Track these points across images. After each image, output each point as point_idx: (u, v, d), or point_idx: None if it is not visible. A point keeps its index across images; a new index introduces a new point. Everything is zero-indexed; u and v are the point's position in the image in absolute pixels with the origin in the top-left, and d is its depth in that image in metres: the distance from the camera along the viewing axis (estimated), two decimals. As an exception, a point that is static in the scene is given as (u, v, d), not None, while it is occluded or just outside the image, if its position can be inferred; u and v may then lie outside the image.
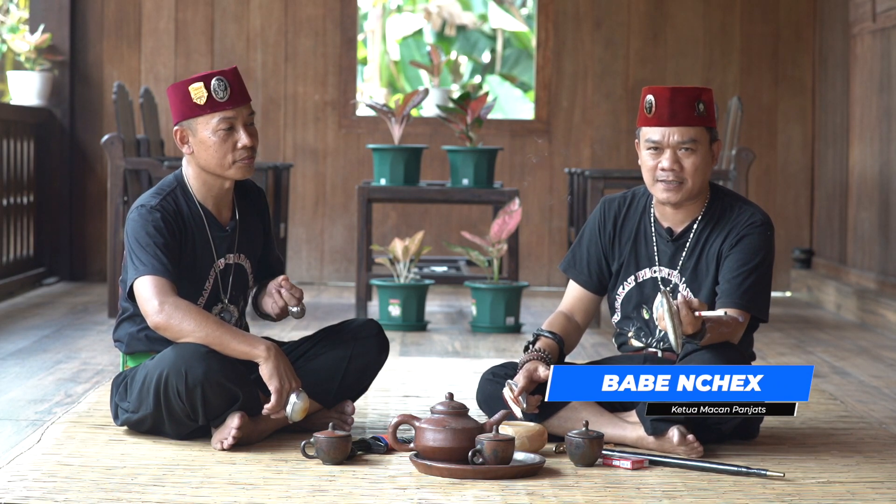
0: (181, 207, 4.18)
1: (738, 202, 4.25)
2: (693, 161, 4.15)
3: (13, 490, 3.51)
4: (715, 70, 9.29)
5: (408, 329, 6.98)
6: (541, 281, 9.29)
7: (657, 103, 4.15)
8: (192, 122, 4.13)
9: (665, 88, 4.15)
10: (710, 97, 4.19)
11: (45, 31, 8.96)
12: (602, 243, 4.34)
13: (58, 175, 9.09)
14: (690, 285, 4.22)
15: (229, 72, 4.13)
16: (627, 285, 4.30)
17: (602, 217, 4.35)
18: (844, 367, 6.02)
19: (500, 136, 9.28)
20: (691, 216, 4.25)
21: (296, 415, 4.03)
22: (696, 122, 4.15)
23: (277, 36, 9.27)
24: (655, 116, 4.16)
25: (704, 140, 4.17)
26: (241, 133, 4.14)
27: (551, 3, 9.30)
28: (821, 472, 3.87)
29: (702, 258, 4.21)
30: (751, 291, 4.10)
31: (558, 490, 3.63)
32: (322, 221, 9.29)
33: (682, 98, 4.14)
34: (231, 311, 4.26)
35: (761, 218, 4.20)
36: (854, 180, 8.43)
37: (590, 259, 4.35)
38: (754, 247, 4.15)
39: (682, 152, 4.16)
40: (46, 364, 5.68)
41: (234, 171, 4.16)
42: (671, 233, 4.26)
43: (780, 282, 9.34)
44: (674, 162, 4.15)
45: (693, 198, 4.21)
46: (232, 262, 4.25)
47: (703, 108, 4.16)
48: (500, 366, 4.31)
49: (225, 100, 4.11)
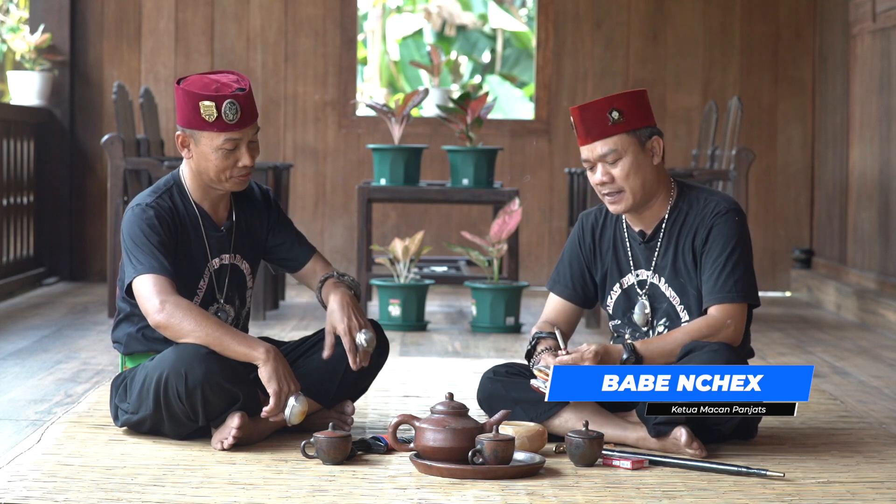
0: (177, 206, 4.18)
1: (702, 194, 4.24)
2: (621, 168, 4.17)
3: (13, 490, 3.51)
4: (715, 70, 9.29)
5: (408, 329, 6.98)
6: (541, 281, 9.29)
7: (574, 123, 4.22)
8: (196, 133, 4.12)
9: (576, 108, 4.20)
10: (626, 101, 4.17)
11: (45, 31, 8.96)
12: (584, 256, 4.37)
13: (58, 175, 9.09)
14: (672, 284, 4.22)
15: (242, 96, 4.10)
16: (615, 293, 4.33)
17: (581, 231, 4.40)
18: (844, 367, 6.02)
19: (500, 136, 9.28)
20: (658, 216, 4.26)
21: (294, 418, 4.03)
22: (610, 132, 4.17)
23: (277, 36, 9.27)
24: (579, 136, 4.24)
25: (629, 145, 4.17)
26: (243, 152, 4.13)
27: (551, 3, 9.30)
28: (821, 472, 3.87)
29: (677, 256, 4.22)
30: (731, 280, 4.10)
31: (558, 490, 3.63)
32: (322, 221, 9.29)
33: (590, 113, 4.17)
34: (227, 310, 4.26)
35: (726, 205, 4.19)
36: (854, 180, 8.43)
37: (573, 273, 4.38)
38: (724, 235, 4.15)
39: (608, 164, 4.18)
40: (46, 364, 5.68)
41: (230, 185, 4.18)
42: (643, 235, 4.27)
43: (780, 282, 9.34)
44: (604, 174, 4.19)
45: (648, 200, 4.21)
46: (227, 263, 4.25)
47: (617, 115, 4.17)
48: (502, 365, 4.32)
49: (234, 122, 4.09)
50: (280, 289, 7.97)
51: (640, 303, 4.26)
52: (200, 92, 4.08)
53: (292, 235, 4.37)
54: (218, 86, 4.10)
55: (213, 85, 4.10)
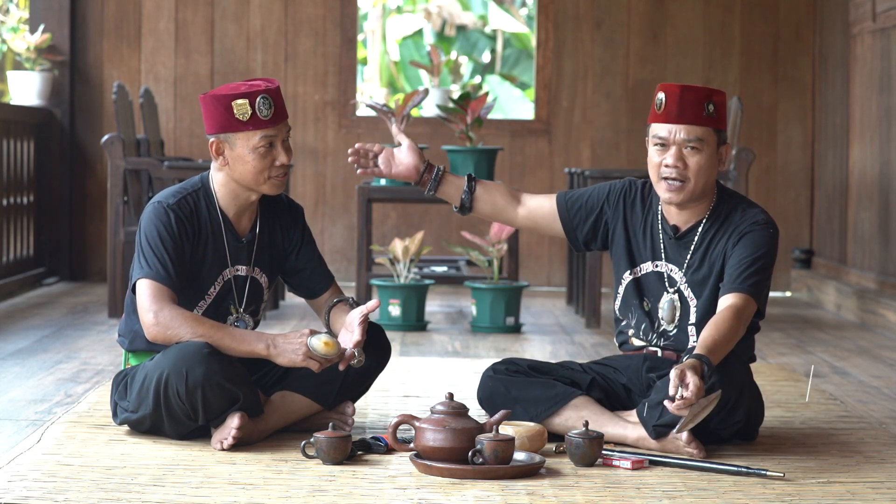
0: (200, 210, 4.14)
1: (742, 203, 4.25)
2: (697, 160, 4.15)
3: (13, 490, 3.51)
4: (715, 70, 9.29)
5: (408, 329, 6.98)
6: (541, 281, 9.29)
7: (667, 100, 4.15)
8: (230, 136, 4.09)
9: (676, 86, 4.15)
10: (721, 99, 4.18)
11: (45, 31, 8.96)
12: (608, 208, 4.30)
13: (58, 175, 9.09)
14: (692, 284, 4.21)
15: (274, 90, 4.08)
16: (634, 274, 4.29)
17: (621, 192, 4.31)
18: (844, 367, 6.02)
19: (500, 136, 9.28)
20: (697, 217, 4.24)
21: (328, 354, 3.97)
22: (703, 122, 4.14)
23: (277, 36, 9.27)
24: (664, 113, 4.16)
25: (711, 141, 4.17)
26: (279, 150, 4.11)
27: (551, 3, 9.30)
28: (821, 472, 3.87)
29: (706, 259, 4.21)
30: (753, 279, 4.09)
31: (558, 490, 3.63)
32: (322, 221, 9.29)
33: (692, 96, 4.13)
34: (246, 320, 4.24)
35: (765, 218, 4.20)
36: (854, 180, 8.43)
37: (581, 206, 4.33)
38: (757, 242, 4.15)
39: (688, 150, 4.15)
40: (46, 364, 5.68)
41: (268, 186, 4.13)
42: (676, 230, 4.26)
43: (780, 282, 9.34)
44: (678, 159, 4.15)
45: (697, 199, 4.21)
46: (245, 275, 4.21)
47: (712, 108, 4.15)
48: (501, 362, 4.31)
49: (268, 118, 4.07)
50: (280, 289, 7.97)
51: (669, 299, 4.24)
52: (231, 93, 4.06)
53: (314, 262, 4.31)
54: (247, 86, 4.09)
55: (241, 87, 4.09)
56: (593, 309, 7.18)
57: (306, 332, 4.01)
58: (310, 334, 4.00)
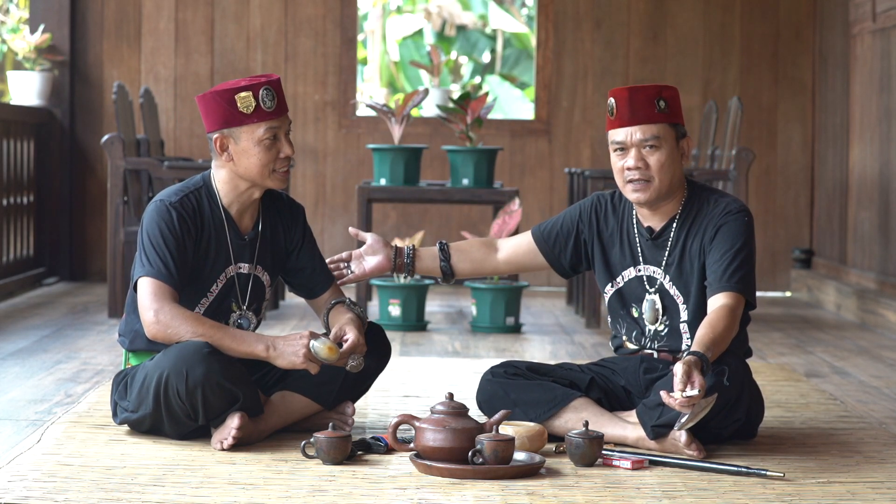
0: (202, 207, 4.14)
1: (713, 195, 4.24)
2: (658, 158, 4.15)
3: (13, 490, 3.51)
4: (715, 70, 9.29)
5: (408, 329, 6.99)
6: (541, 281, 9.29)
7: (618, 105, 4.17)
8: (235, 130, 4.09)
9: (624, 89, 4.17)
10: (672, 94, 4.18)
11: (45, 31, 8.96)
12: (582, 228, 4.33)
13: (58, 175, 9.09)
14: (676, 282, 4.22)
15: (275, 81, 4.09)
16: (616, 285, 4.31)
17: (592, 208, 4.35)
18: (844, 367, 6.02)
19: (500, 136, 9.28)
20: (669, 214, 4.25)
21: (330, 357, 3.97)
22: (657, 119, 4.15)
23: (277, 36, 9.27)
24: (618, 118, 4.18)
25: (669, 137, 4.17)
26: (283, 142, 4.11)
27: (551, 3, 9.31)
28: (821, 472, 3.87)
29: (684, 256, 4.21)
30: (738, 274, 4.09)
31: (558, 490, 3.63)
32: (322, 221, 9.29)
33: (641, 96, 4.15)
34: (249, 317, 4.24)
35: (737, 206, 4.20)
36: (854, 180, 8.43)
37: (559, 231, 4.36)
38: (735, 233, 4.15)
39: (647, 150, 4.16)
40: (46, 364, 5.68)
41: (273, 180, 4.14)
42: (651, 231, 4.26)
43: (780, 282, 9.34)
44: (638, 160, 4.16)
45: (665, 196, 4.21)
46: (247, 273, 4.21)
47: (664, 104, 4.16)
48: (499, 365, 4.31)
49: (272, 109, 4.08)
50: (280, 289, 7.97)
51: (650, 299, 4.25)
52: (234, 87, 4.07)
53: (314, 262, 4.31)
54: (248, 80, 4.10)
55: (242, 81, 4.10)
56: (593, 309, 7.18)
57: (306, 334, 4.01)
58: (310, 337, 4.00)
